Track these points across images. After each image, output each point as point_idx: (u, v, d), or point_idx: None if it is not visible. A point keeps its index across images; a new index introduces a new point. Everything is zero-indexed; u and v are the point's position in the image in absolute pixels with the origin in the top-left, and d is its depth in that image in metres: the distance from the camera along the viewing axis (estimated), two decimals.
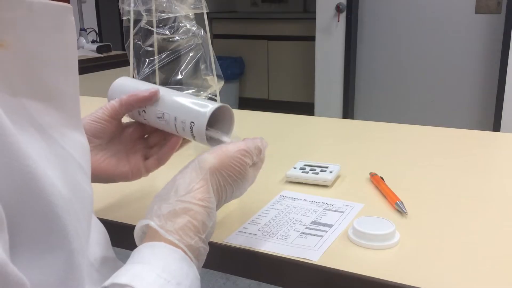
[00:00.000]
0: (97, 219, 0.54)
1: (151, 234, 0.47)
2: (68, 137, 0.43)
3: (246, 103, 4.74)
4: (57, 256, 0.38)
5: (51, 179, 0.37)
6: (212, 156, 0.54)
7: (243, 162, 0.55)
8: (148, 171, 0.68)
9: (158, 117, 0.65)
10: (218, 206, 0.54)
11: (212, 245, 0.52)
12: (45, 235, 0.37)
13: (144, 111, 0.66)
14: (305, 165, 0.83)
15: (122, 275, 0.40)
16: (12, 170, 0.34)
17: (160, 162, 0.68)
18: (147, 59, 0.97)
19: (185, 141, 0.70)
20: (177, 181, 0.51)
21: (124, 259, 0.56)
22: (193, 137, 0.62)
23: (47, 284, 0.36)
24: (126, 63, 0.95)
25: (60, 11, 0.42)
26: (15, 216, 0.34)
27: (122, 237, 0.69)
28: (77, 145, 0.45)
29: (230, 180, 0.54)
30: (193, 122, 0.61)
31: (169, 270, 0.42)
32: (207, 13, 0.92)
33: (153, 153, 0.69)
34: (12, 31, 0.38)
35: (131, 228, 0.69)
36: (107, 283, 0.40)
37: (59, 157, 0.40)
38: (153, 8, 0.90)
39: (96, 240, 0.51)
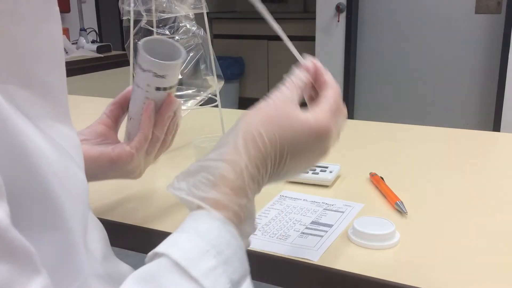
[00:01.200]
0: (95, 216, 0.54)
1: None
2: (56, 129, 0.43)
3: (246, 103, 4.70)
4: (54, 234, 0.37)
5: (46, 158, 0.37)
6: (253, 112, 0.51)
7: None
8: (132, 148, 0.63)
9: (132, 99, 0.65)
10: (271, 169, 0.47)
11: None
12: (42, 212, 0.36)
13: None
14: None
15: (161, 244, 0.39)
16: (8, 146, 0.34)
17: (144, 134, 0.64)
18: None
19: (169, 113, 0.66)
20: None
21: (122, 259, 0.56)
22: (142, 69, 0.61)
23: (44, 263, 0.35)
24: (126, 63, 0.95)
25: (45, 1, 0.41)
26: (11, 193, 0.33)
27: (119, 236, 0.69)
28: (66, 138, 0.44)
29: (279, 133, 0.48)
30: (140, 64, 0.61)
31: (209, 239, 0.39)
32: (207, 13, 0.92)
33: None
34: None
35: (127, 227, 0.70)
36: (150, 252, 0.39)
37: (50, 143, 0.40)
38: (153, 8, 0.90)
39: (96, 238, 0.51)
